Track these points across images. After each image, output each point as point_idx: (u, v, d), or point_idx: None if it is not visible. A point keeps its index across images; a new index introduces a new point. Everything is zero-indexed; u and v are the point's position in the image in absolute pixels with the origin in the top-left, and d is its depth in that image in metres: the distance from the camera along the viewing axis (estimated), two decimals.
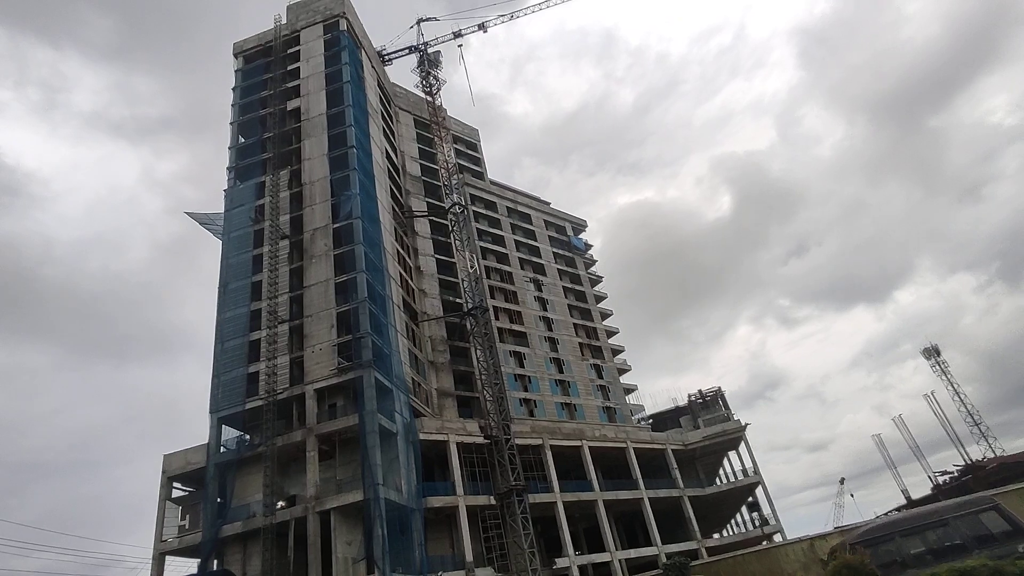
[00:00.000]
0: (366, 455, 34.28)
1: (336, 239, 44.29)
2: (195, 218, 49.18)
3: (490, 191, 72.62)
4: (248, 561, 34.68)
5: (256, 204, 47.00)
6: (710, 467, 61.73)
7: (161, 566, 35.67)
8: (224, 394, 39.48)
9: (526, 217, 74.45)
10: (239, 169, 49.57)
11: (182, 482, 39.57)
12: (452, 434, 42.97)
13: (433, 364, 52.62)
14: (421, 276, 57.11)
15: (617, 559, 46.15)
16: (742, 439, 57.59)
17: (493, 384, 45.55)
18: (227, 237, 46.30)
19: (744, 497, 59.43)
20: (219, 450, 37.99)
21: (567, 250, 76.24)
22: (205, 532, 35.10)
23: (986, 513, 9.29)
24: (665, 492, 52.86)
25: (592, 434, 53.06)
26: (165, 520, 36.98)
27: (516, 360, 59.21)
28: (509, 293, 64.22)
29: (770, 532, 52.56)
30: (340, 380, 38.44)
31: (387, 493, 34.08)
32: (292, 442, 36.85)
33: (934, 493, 61.80)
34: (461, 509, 39.77)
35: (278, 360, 39.47)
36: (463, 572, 37.52)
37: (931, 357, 79.29)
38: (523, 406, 55.94)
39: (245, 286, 43.54)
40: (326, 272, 43.22)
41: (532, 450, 47.01)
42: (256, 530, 34.15)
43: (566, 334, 66.66)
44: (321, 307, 41.97)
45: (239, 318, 42.26)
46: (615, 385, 67.59)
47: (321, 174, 47.51)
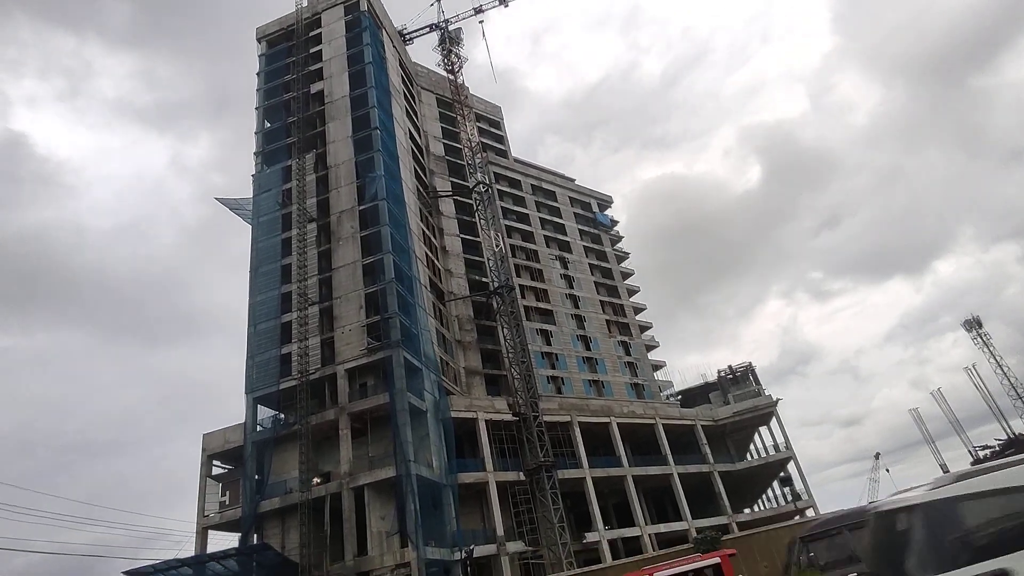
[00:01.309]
0: (397, 433, 34.98)
1: (362, 221, 44.71)
2: (225, 203, 50.15)
3: (514, 169, 72.20)
4: (287, 535, 35.91)
5: (283, 188, 47.62)
6: (740, 443, 61.34)
7: (204, 540, 37.31)
8: (258, 375, 40.59)
9: (551, 194, 73.91)
10: (266, 154, 50.20)
11: (221, 460, 41.03)
12: (481, 412, 43.46)
13: (460, 343, 53.09)
14: (447, 256, 57.37)
15: (647, 533, 46.43)
16: (773, 414, 57.00)
17: (520, 362, 45.80)
18: (256, 221, 47.15)
19: (775, 472, 58.95)
20: (256, 429, 39.20)
21: (593, 227, 75.60)
22: (245, 508, 36.44)
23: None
24: (695, 468, 52.78)
25: (620, 411, 53.10)
26: (206, 496, 38.52)
27: (543, 338, 59.34)
28: (535, 271, 64.14)
29: (803, 507, 52.15)
30: (370, 360, 39.13)
31: (418, 469, 34.79)
32: (325, 421, 37.80)
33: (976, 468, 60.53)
34: (491, 485, 40.38)
35: (309, 341, 40.28)
36: (494, 546, 38.23)
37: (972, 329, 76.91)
38: (551, 384, 56.19)
39: (275, 269, 44.41)
40: (353, 254, 43.75)
41: (560, 427, 47.30)
42: (293, 505, 35.28)
43: (593, 311, 66.44)
44: (349, 288, 42.60)
45: (270, 301, 43.20)
46: (643, 362, 67.32)
47: (346, 156, 47.82)
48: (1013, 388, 72.34)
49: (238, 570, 32.68)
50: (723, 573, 12.31)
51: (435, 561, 33.33)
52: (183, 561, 32.55)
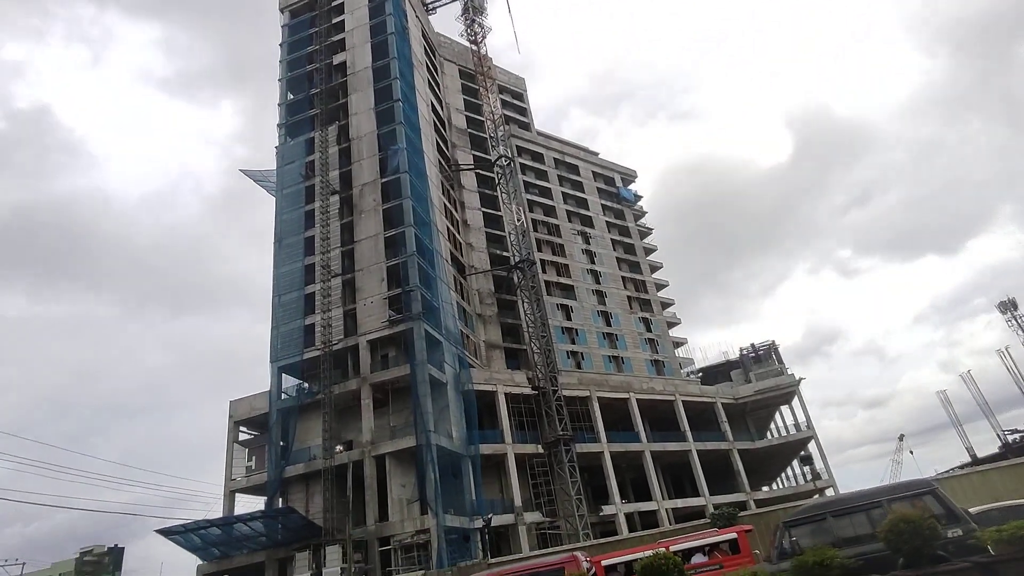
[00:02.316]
0: (417, 404, 35.53)
1: (384, 194, 44.80)
2: (250, 175, 50.64)
3: (537, 142, 71.41)
4: (311, 499, 36.97)
5: (307, 160, 47.84)
6: (761, 421, 61.06)
7: (232, 502, 38.68)
8: (283, 345, 41.38)
9: (574, 168, 73.06)
10: (289, 126, 50.34)
11: (247, 426, 42.22)
12: (500, 385, 43.84)
13: (481, 317, 53.35)
14: (468, 230, 57.34)
15: (664, 508, 46.80)
16: (795, 394, 56.48)
17: (540, 337, 45.87)
18: (280, 193, 47.55)
19: (796, 451, 58.71)
20: (280, 397, 40.14)
21: (616, 202, 74.72)
22: (270, 473, 37.55)
23: (923, 497, 9.08)
24: (714, 445, 52.76)
25: (640, 387, 53.10)
26: (234, 461, 39.77)
27: (563, 313, 59.32)
28: (556, 246, 63.83)
29: (823, 487, 51.92)
30: (391, 332, 39.59)
31: (438, 440, 35.37)
32: (348, 390, 38.52)
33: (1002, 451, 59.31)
34: (510, 456, 40.93)
35: (332, 312, 40.84)
36: (512, 516, 38.90)
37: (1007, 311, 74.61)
38: (570, 358, 56.33)
39: (299, 241, 44.89)
40: (375, 227, 43.97)
41: (579, 401, 47.54)
42: (317, 471, 36.22)
43: (614, 287, 66.09)
44: (371, 261, 42.94)
45: (294, 272, 43.79)
46: (664, 338, 67.00)
47: (368, 129, 47.74)
48: None
49: (264, 531, 33.82)
50: (739, 548, 12.36)
51: (454, 528, 34.08)
52: (212, 522, 33.79)
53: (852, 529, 9.31)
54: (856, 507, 9.71)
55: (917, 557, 7.98)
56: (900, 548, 8.14)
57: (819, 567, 8.02)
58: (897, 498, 9.29)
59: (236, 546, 34.88)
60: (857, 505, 9.77)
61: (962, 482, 17.97)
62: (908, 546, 8.00)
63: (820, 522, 9.62)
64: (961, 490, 16.94)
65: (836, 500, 11.13)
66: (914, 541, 7.92)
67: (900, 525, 8.06)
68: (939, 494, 9.16)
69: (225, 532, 33.94)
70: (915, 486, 9.97)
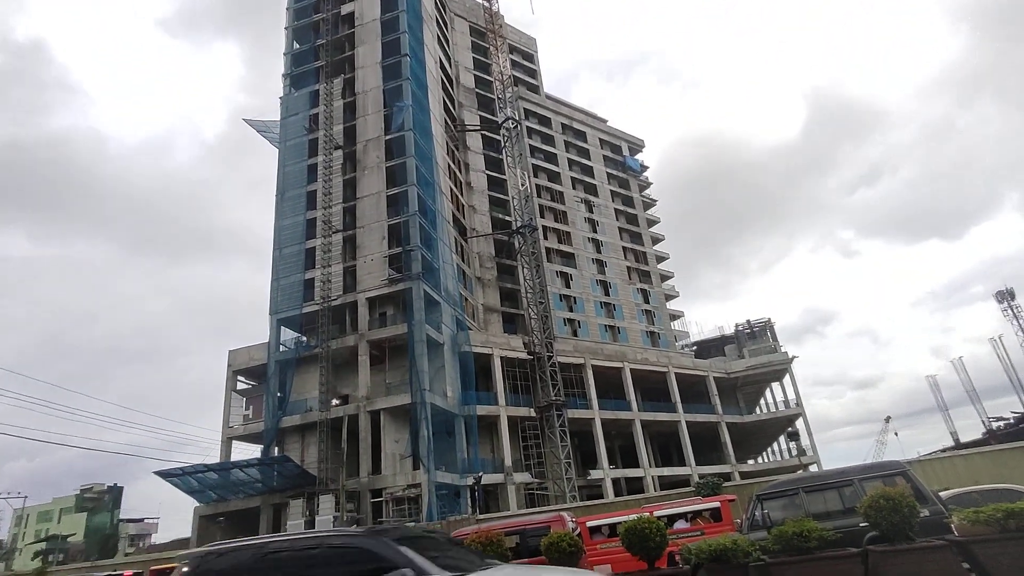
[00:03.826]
0: (413, 362, 35.96)
1: (388, 151, 44.32)
2: (252, 125, 49.95)
3: (545, 106, 70.29)
4: (306, 450, 37.74)
5: (311, 112, 47.14)
6: (751, 396, 61.93)
7: (229, 449, 39.51)
8: (283, 297, 41.60)
9: (581, 135, 72.15)
10: (294, 76, 49.43)
11: (245, 376, 42.80)
12: (496, 348, 44.26)
13: (480, 280, 53.48)
14: (471, 192, 56.95)
15: (650, 475, 47.86)
16: (787, 371, 57.15)
17: (538, 303, 46.10)
18: (283, 145, 47.01)
19: (783, 427, 59.73)
20: (279, 349, 40.58)
21: (622, 171, 74.04)
22: (267, 422, 38.25)
23: (892, 477, 9.40)
24: (703, 417, 53.62)
25: (634, 357, 53.65)
26: (231, 409, 40.48)
27: (563, 280, 59.46)
28: (559, 213, 63.53)
29: (807, 462, 53.03)
30: (390, 290, 39.76)
31: (433, 398, 35.93)
32: (345, 346, 38.90)
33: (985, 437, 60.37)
34: (502, 418, 41.63)
35: (332, 268, 40.90)
36: (502, 475, 39.80)
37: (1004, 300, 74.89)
38: (567, 326, 56.72)
39: (301, 195, 44.60)
40: (378, 184, 43.64)
41: (573, 368, 48.10)
42: (313, 423, 36.90)
43: (614, 257, 66.08)
44: (373, 219, 42.78)
45: (296, 226, 43.65)
46: (661, 311, 67.36)
47: (374, 83, 46.90)
48: None
49: (260, 478, 34.66)
50: (721, 517, 12.71)
51: (445, 484, 34.93)
52: (209, 466, 34.61)
53: (824, 505, 9.66)
54: (828, 484, 10.06)
55: (895, 533, 8.25)
56: (879, 523, 8.41)
57: (798, 537, 8.30)
58: (869, 477, 9.60)
59: (232, 490, 35.80)
60: (829, 482, 10.12)
61: (945, 465, 18.37)
62: (887, 522, 8.26)
63: (792, 496, 9.96)
64: (944, 473, 17.34)
65: (809, 476, 11.51)
66: (893, 517, 8.18)
67: (880, 501, 8.31)
68: (910, 475, 9.46)
69: (222, 477, 34.79)
70: (887, 467, 10.29)
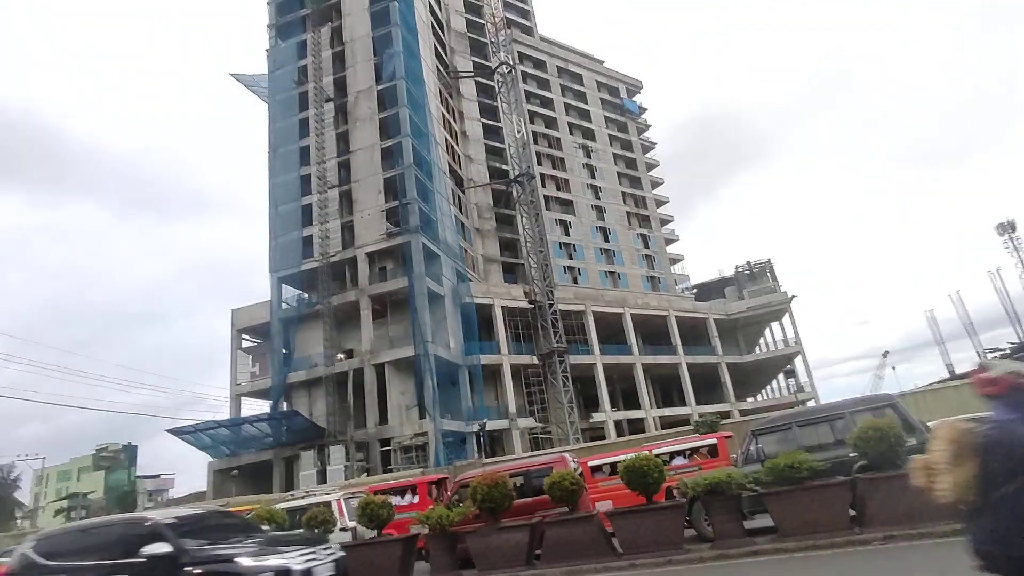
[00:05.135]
0: (415, 315, 36.33)
1: (380, 102, 43.37)
2: (240, 80, 48.74)
3: (540, 48, 68.27)
4: (313, 404, 38.60)
5: (299, 64, 45.91)
6: (751, 336, 62.63)
7: (238, 405, 40.45)
8: (282, 255, 41.64)
9: (577, 78, 70.32)
10: (279, 26, 47.90)
11: (250, 334, 43.33)
12: (497, 298, 44.58)
13: (479, 231, 53.29)
14: (467, 141, 56.03)
15: (652, 416, 49.02)
16: (786, 311, 57.60)
17: (538, 252, 46.11)
18: (273, 100, 46.03)
19: (782, 365, 60.70)
20: (281, 307, 40.92)
21: (619, 114, 72.56)
22: (274, 378, 39.00)
23: (882, 410, 9.66)
24: (703, 358, 54.44)
25: (634, 302, 54.03)
26: (238, 367, 41.18)
27: (562, 228, 59.23)
28: (557, 160, 62.67)
29: (804, 399, 54.11)
30: (389, 245, 39.75)
31: (436, 350, 36.46)
32: (347, 301, 39.19)
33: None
34: (505, 367, 42.34)
35: (330, 224, 40.74)
36: (507, 421, 40.82)
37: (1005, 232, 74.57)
38: (567, 273, 56.88)
39: (294, 151, 43.98)
40: (371, 136, 42.93)
41: (574, 315, 48.52)
42: (318, 378, 37.62)
43: (614, 203, 65.57)
44: (368, 172, 42.29)
45: (291, 183, 43.23)
46: (661, 255, 67.38)
47: (362, 31, 45.44)
48: None
49: (270, 432, 35.65)
50: (718, 453, 13.16)
51: (451, 432, 35.91)
52: (220, 423, 35.55)
53: (816, 438, 10.01)
54: (820, 418, 10.41)
55: (883, 461, 8.58)
56: (867, 453, 8.74)
57: (789, 468, 8.63)
58: (859, 410, 9.91)
59: (244, 445, 36.86)
60: (821, 416, 10.47)
61: (937, 396, 18.84)
62: (875, 451, 8.58)
63: (786, 431, 10.32)
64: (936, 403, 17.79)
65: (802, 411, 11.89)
66: (880, 447, 8.49)
67: (869, 432, 8.61)
68: (898, 407, 9.76)
69: (233, 432, 35.76)
70: (877, 400, 10.62)
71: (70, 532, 8.09)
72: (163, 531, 6.74)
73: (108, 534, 7.40)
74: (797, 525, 8.62)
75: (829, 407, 11.02)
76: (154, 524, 6.92)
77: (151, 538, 6.59)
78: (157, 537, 6.61)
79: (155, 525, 6.89)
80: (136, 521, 7.42)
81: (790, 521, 8.73)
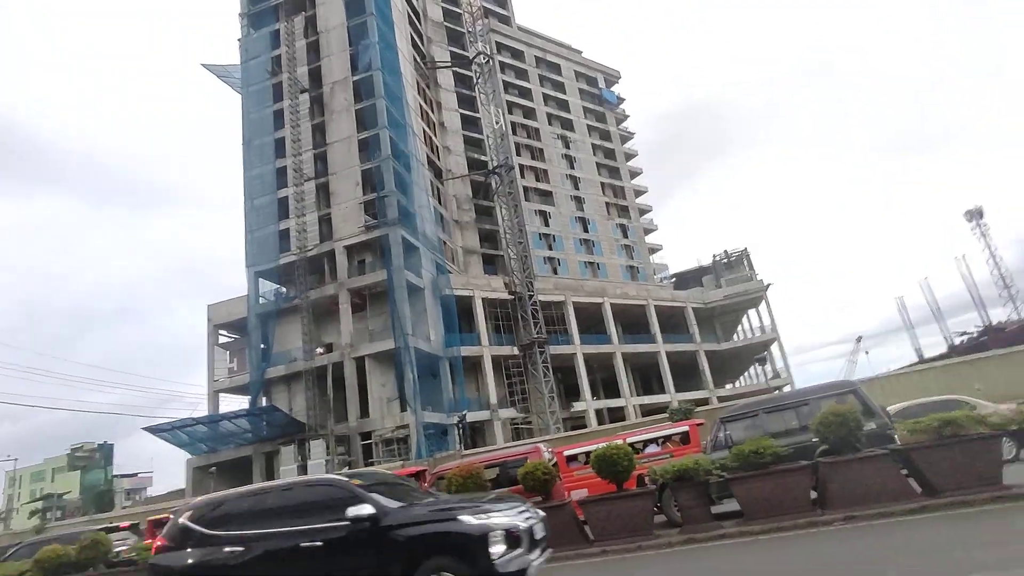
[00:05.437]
0: (395, 308, 36.24)
1: (356, 93, 42.94)
2: (212, 70, 47.86)
3: (518, 38, 67.97)
4: (293, 399, 38.41)
5: (272, 55, 45.22)
6: (728, 324, 63.54)
7: (216, 402, 40.06)
8: (258, 250, 41.18)
9: (555, 68, 70.21)
10: (252, 15, 47.07)
11: (227, 330, 42.89)
12: (477, 290, 44.62)
13: (458, 222, 53.17)
14: (445, 132, 55.73)
15: (632, 404, 49.59)
16: (763, 298, 58.52)
17: (517, 243, 46.12)
18: (246, 91, 45.30)
19: (759, 352, 61.71)
20: (258, 302, 40.52)
21: (598, 104, 72.66)
22: (252, 374, 38.70)
23: (844, 396, 10.12)
24: (682, 346, 55.16)
25: (614, 292, 54.45)
26: (215, 363, 40.77)
27: (541, 219, 59.33)
28: (536, 150, 62.64)
29: (779, 385, 55.16)
30: (368, 237, 39.51)
31: (416, 342, 36.47)
32: (325, 295, 38.95)
33: (948, 352, 63.15)
34: (486, 358, 42.49)
35: (307, 217, 40.38)
36: (488, 412, 41.02)
37: (973, 219, 76.56)
38: (547, 264, 57.08)
39: (269, 143, 43.39)
40: (348, 128, 42.51)
41: (555, 306, 48.76)
42: (298, 372, 37.40)
43: (593, 193, 65.82)
44: (345, 164, 41.92)
45: (266, 175, 42.69)
46: (640, 245, 67.90)
47: (337, 21, 44.85)
48: (1002, 278, 73.54)
49: (249, 428, 35.41)
50: (690, 440, 13.43)
51: (432, 424, 35.99)
52: (198, 419, 35.22)
53: (782, 424, 10.38)
54: (786, 405, 10.77)
55: (843, 445, 8.89)
56: (829, 437, 9.04)
57: (754, 454, 8.89)
58: (823, 397, 10.26)
59: (223, 441, 36.58)
60: (787, 403, 10.83)
61: (903, 380, 19.48)
62: (835, 436, 8.88)
63: (753, 418, 10.68)
64: (901, 387, 18.39)
65: (769, 399, 12.25)
66: (840, 432, 8.80)
67: (830, 417, 8.91)
68: (860, 393, 10.16)
69: (211, 429, 35.46)
70: (839, 386, 11.04)
71: (235, 499, 7.05)
72: (356, 491, 6.07)
73: (289, 498, 6.58)
74: (762, 509, 8.90)
75: (795, 394, 11.41)
76: (346, 484, 6.29)
77: (351, 500, 5.93)
78: (356, 498, 5.93)
79: (347, 485, 6.25)
80: (328, 482, 6.62)
81: (755, 505, 9.00)
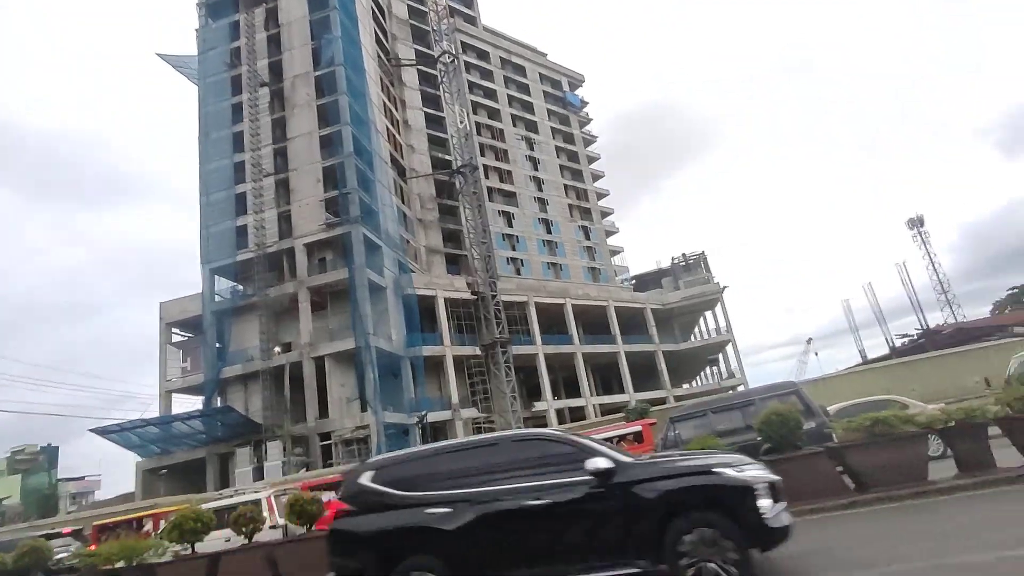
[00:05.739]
0: (356, 307, 35.93)
1: (318, 88, 42.35)
2: (167, 60, 46.44)
3: (483, 39, 68.05)
4: (249, 399, 37.64)
5: (231, 46, 44.20)
6: (686, 325, 65.12)
7: (168, 402, 38.91)
8: (214, 246, 40.19)
9: (520, 70, 70.60)
10: (210, 5, 45.87)
11: (180, 328, 41.71)
12: (440, 290, 44.58)
13: (421, 222, 52.98)
14: (409, 131, 55.43)
15: (592, 404, 50.35)
16: (719, 300, 60.19)
17: (481, 243, 46.20)
18: (203, 82, 44.14)
19: (715, 352, 63.48)
20: (214, 299, 39.55)
21: (562, 107, 73.39)
22: (206, 373, 37.74)
23: (787, 396, 10.85)
24: (641, 347, 56.26)
25: (575, 293, 55.17)
26: (168, 362, 39.60)
27: (505, 219, 59.60)
28: (500, 151, 62.87)
29: (733, 385, 56.84)
30: (329, 235, 39.03)
31: (377, 342, 36.23)
32: (284, 293, 38.31)
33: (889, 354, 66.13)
34: (448, 358, 42.50)
35: (265, 214, 39.65)
36: (450, 412, 41.05)
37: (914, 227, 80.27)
38: (510, 264, 57.39)
39: (227, 136, 42.42)
40: (309, 124, 41.89)
41: (517, 306, 49.08)
42: (255, 372, 36.67)
43: (556, 195, 66.47)
44: (306, 161, 41.29)
45: (223, 170, 41.71)
46: (601, 247, 68.91)
47: (299, 13, 44.15)
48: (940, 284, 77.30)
49: (203, 429, 34.57)
50: (643, 439, 13.88)
51: (393, 424, 35.82)
52: (149, 421, 34.18)
53: (729, 423, 10.92)
54: (732, 405, 11.33)
55: (784, 444, 9.38)
56: (771, 436, 9.53)
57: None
58: (766, 397, 10.84)
59: (175, 443, 35.61)
60: (733, 403, 11.40)
61: (843, 381, 20.51)
62: (776, 435, 9.37)
63: (702, 417, 11.20)
64: (843, 388, 19.33)
65: (717, 399, 12.85)
66: (781, 431, 9.29)
67: (772, 417, 9.39)
68: (801, 394, 10.80)
69: (163, 430, 34.48)
70: (783, 387, 11.70)
71: (425, 456, 6.24)
72: (586, 443, 5.66)
73: (497, 454, 5.84)
74: None
75: (741, 394, 12.00)
76: (568, 437, 5.87)
77: (581, 453, 5.43)
78: (589, 451, 5.44)
79: (570, 438, 5.83)
80: (544, 437, 6.10)
81: None
